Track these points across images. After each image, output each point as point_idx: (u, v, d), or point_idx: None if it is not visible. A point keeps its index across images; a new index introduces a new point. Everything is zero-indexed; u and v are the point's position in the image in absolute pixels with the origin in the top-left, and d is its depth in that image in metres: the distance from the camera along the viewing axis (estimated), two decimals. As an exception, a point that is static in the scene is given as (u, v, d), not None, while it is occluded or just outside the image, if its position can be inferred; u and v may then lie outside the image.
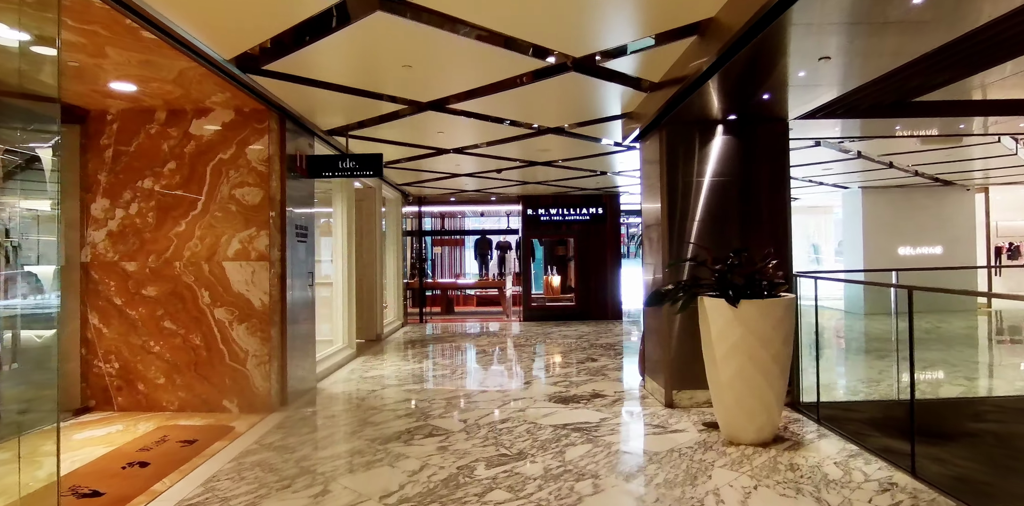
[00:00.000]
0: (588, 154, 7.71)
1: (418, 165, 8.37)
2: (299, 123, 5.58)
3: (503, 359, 7.69)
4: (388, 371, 6.82)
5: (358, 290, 9.09)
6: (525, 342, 9.04)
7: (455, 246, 17.01)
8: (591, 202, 11.88)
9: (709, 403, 4.93)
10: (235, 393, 4.98)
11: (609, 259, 11.89)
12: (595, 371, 6.59)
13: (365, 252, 9.37)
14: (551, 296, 12.37)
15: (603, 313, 11.81)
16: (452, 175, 9.32)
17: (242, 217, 5.01)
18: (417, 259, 13.67)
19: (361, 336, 9.25)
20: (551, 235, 12.42)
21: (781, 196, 5.11)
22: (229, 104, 4.92)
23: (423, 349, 8.55)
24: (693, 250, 4.92)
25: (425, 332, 10.41)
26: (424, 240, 16.45)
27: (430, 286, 13.97)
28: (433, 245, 16.66)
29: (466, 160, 7.98)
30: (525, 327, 10.86)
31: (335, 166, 5.89)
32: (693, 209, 5.06)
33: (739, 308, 3.91)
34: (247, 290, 4.98)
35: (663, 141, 5.07)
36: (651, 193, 5.46)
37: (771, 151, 5.11)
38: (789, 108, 4.81)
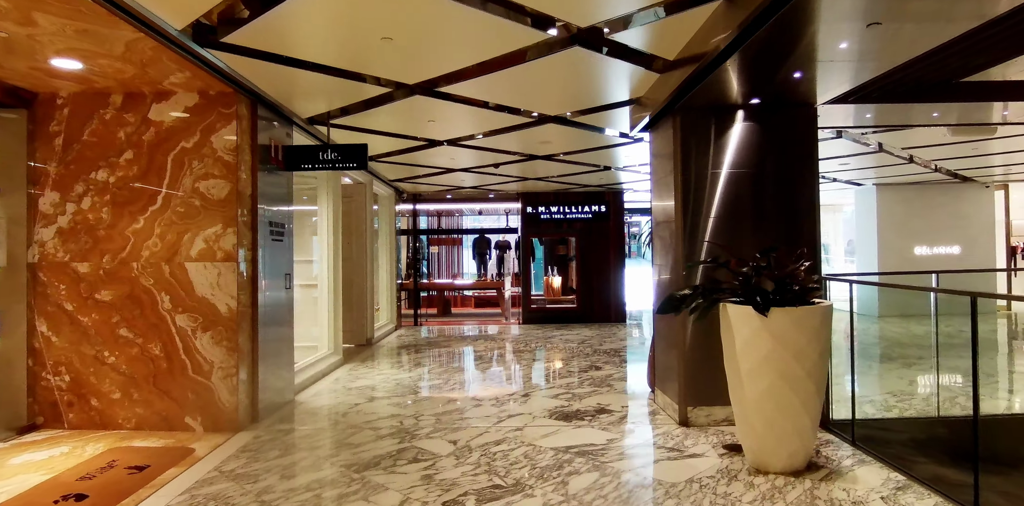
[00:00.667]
0: (591, 147, 7.19)
1: (410, 159, 7.84)
2: (275, 110, 5.06)
3: (500, 367, 7.16)
4: (375, 380, 6.29)
5: (346, 292, 8.57)
6: (524, 347, 8.52)
7: (452, 245, 16.49)
8: (593, 199, 11.35)
9: (728, 421, 4.41)
10: (199, 409, 4.46)
11: (612, 259, 11.37)
12: (599, 381, 6.07)
13: (355, 252, 8.85)
14: (551, 298, 11.85)
15: (606, 316, 11.29)
16: (447, 170, 8.80)
17: (207, 213, 4.49)
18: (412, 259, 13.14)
19: (350, 340, 8.73)
20: (552, 234, 11.90)
21: (808, 190, 4.58)
22: (191, 86, 4.40)
23: (415, 355, 8.03)
24: (712, 250, 4.40)
25: (419, 336, 9.89)
26: (419, 239, 15.94)
27: (426, 287, 13.45)
28: (429, 244, 16.15)
29: (461, 153, 7.46)
30: (524, 330, 10.34)
31: (315, 158, 5.36)
32: (709, 205, 4.53)
33: (769, 317, 3.39)
34: (212, 294, 4.46)
35: (677, 129, 4.55)
36: (662, 188, 4.94)
37: (798, 139, 4.58)
38: (819, 90, 4.29)
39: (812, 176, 4.59)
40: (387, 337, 9.75)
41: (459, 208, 14.63)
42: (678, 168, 4.54)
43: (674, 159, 4.58)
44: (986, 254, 11.75)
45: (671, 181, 4.66)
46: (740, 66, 3.65)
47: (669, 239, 4.75)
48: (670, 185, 4.69)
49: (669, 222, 4.77)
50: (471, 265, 16.57)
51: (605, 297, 11.33)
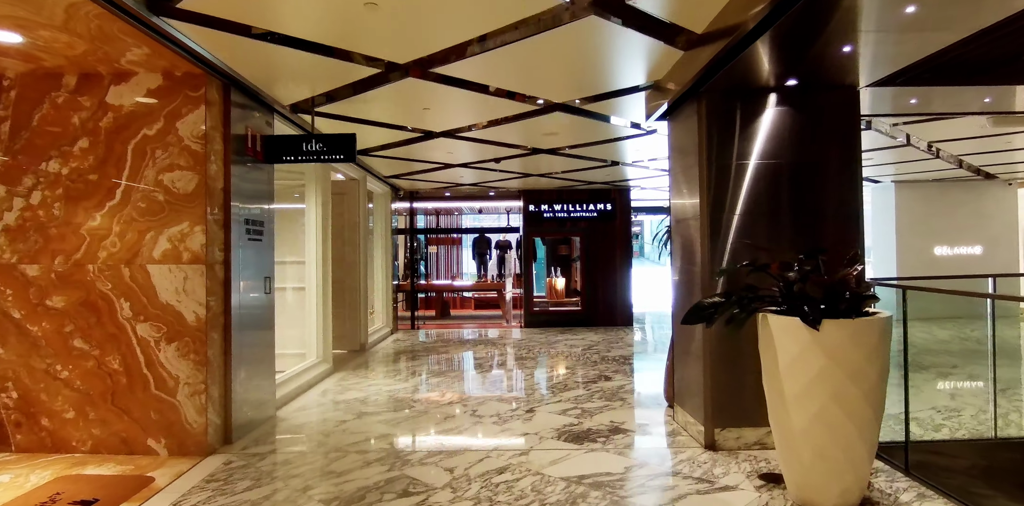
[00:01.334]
0: (599, 140, 6.68)
1: (405, 153, 7.33)
2: (252, 96, 4.55)
3: (502, 376, 6.65)
4: (367, 392, 5.78)
5: (337, 295, 8.07)
6: (527, 354, 8.01)
7: (451, 245, 15.99)
8: (599, 197, 10.84)
9: (761, 444, 3.90)
10: (162, 431, 3.95)
11: (618, 260, 10.86)
12: (610, 393, 5.57)
13: (347, 252, 8.34)
14: (554, 300, 11.35)
15: (612, 319, 10.78)
16: (445, 165, 8.29)
17: (172, 209, 3.98)
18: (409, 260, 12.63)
19: (343, 346, 8.23)
20: (555, 233, 11.40)
21: (850, 183, 4.07)
22: (154, 65, 3.89)
23: (411, 363, 7.52)
24: (746, 252, 3.89)
25: (416, 340, 9.38)
26: (416, 239, 15.43)
27: (424, 288, 12.94)
28: (428, 244, 15.65)
29: (460, 147, 6.95)
30: (526, 335, 9.83)
31: (298, 149, 4.86)
32: (735, 200, 4.02)
33: (821, 330, 2.88)
34: (178, 301, 3.95)
35: (703, 114, 4.04)
36: (683, 182, 4.43)
37: (838, 126, 4.07)
38: (864, 70, 3.78)
39: (853, 167, 4.08)
40: (382, 342, 9.24)
41: (458, 207, 14.13)
42: (704, 159, 4.02)
43: (699, 149, 4.06)
44: (1009, 254, 11.24)
45: (694, 174, 4.15)
46: (781, 39, 3.14)
47: (692, 239, 4.24)
48: (693, 179, 4.18)
49: (690, 220, 4.26)
50: (471, 265, 16.08)
51: (611, 300, 10.82)
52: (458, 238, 15.92)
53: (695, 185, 4.14)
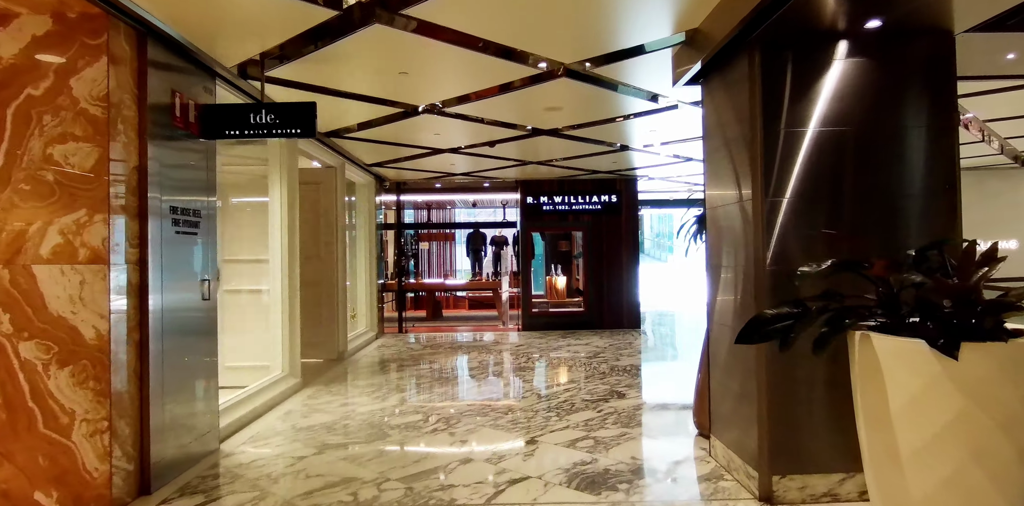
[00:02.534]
0: (608, 117, 5.76)
1: (386, 134, 6.41)
2: (182, 52, 3.62)
3: (496, 393, 5.75)
4: (336, 415, 4.87)
5: (312, 297, 7.15)
6: (525, 363, 7.11)
7: (444, 241, 15.07)
8: (603, 188, 9.93)
9: (832, 496, 3.00)
10: (53, 481, 3.03)
11: (625, 256, 9.95)
12: (627, 416, 4.67)
13: (323, 249, 7.42)
14: (555, 300, 10.45)
15: (618, 321, 9.88)
16: (433, 150, 7.36)
17: (66, 192, 3.05)
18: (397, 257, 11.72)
19: (318, 355, 7.31)
20: (555, 228, 10.49)
21: (944, 157, 3.17)
22: (40, 4, 2.96)
23: (393, 375, 6.61)
24: (820, 245, 2.99)
25: (402, 346, 8.46)
26: (404, 234, 14.52)
27: (413, 288, 12.04)
28: (419, 240, 14.73)
29: (449, 126, 6.03)
30: (525, 339, 8.93)
31: (244, 121, 3.93)
32: (798, 180, 3.11)
33: (960, 359, 1.98)
34: (73, 312, 3.03)
35: (758, 69, 3.11)
36: (727, 158, 3.52)
37: (926, 84, 3.17)
38: (961, 8, 2.88)
39: (948, 137, 3.17)
40: (365, 348, 8.32)
41: (451, 199, 13.20)
42: (757, 127, 3.11)
43: (750, 115, 3.15)
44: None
45: (742, 148, 3.25)
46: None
47: (738, 230, 3.33)
48: (741, 154, 3.27)
49: (735, 206, 3.36)
50: (465, 263, 15.18)
51: (617, 300, 9.92)
52: (451, 233, 15.01)
53: (744, 162, 3.23)
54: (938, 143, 3.15)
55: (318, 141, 6.49)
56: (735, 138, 3.35)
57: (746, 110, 3.18)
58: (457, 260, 15.50)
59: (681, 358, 7.43)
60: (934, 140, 3.14)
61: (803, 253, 3.03)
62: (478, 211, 15.39)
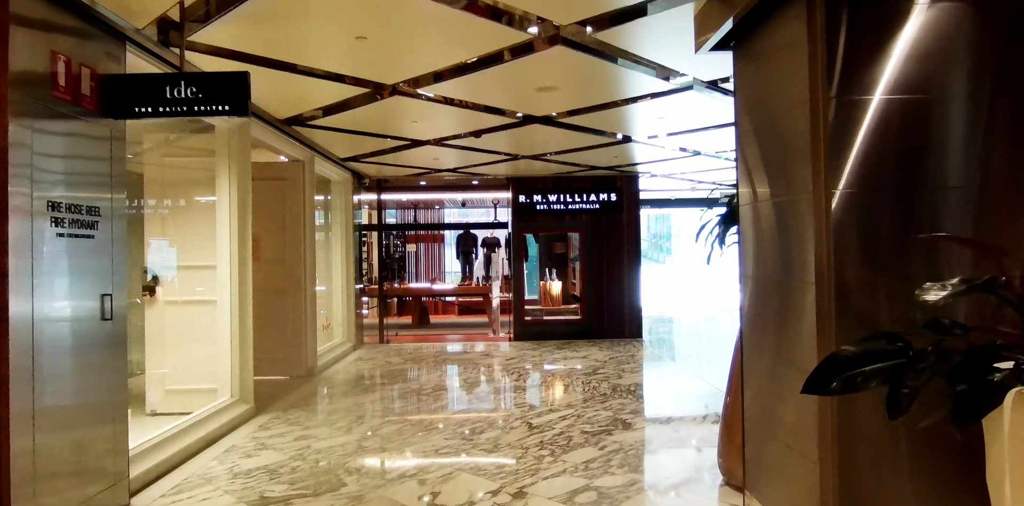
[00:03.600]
0: (610, 101, 4.98)
1: (356, 122, 5.62)
2: (73, 6, 2.82)
3: (481, 422, 4.95)
4: (287, 454, 4.07)
5: (275, 307, 6.37)
6: (515, 381, 6.32)
7: (432, 243, 14.27)
8: (602, 186, 9.15)
9: (924, 592, 2.22)
10: None
11: (626, 260, 9.18)
12: (634, 456, 3.88)
13: (289, 252, 6.61)
14: (550, 307, 9.66)
15: (618, 330, 9.10)
16: (413, 142, 6.57)
17: None
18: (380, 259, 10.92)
19: (283, 371, 6.51)
20: (550, 229, 9.71)
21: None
22: None
23: (365, 397, 5.80)
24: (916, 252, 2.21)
25: (381, 360, 7.66)
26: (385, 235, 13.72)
27: (398, 293, 11.24)
28: (406, 242, 13.93)
29: (426, 112, 5.24)
30: (516, 350, 8.14)
31: (158, 95, 3.14)
32: (879, 164, 2.32)
33: None
34: None
35: (822, 18, 2.33)
36: (776, 137, 2.74)
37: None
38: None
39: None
40: (339, 362, 7.51)
41: (438, 199, 12.40)
42: (823, 98, 2.32)
43: (812, 81, 2.35)
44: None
45: (795, 126, 2.46)
46: None
47: (788, 232, 2.55)
48: (793, 134, 2.49)
49: (778, 202, 2.58)
50: (456, 265, 14.39)
51: (617, 307, 9.14)
52: (440, 235, 14.21)
53: (799, 144, 2.44)
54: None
55: (278, 130, 5.69)
56: (785, 114, 2.56)
57: (802, 76, 2.39)
58: (447, 263, 14.71)
59: (691, 373, 6.65)
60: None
61: (883, 262, 2.25)
62: (469, 211, 14.60)
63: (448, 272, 14.69)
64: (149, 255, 5.23)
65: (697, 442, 4.17)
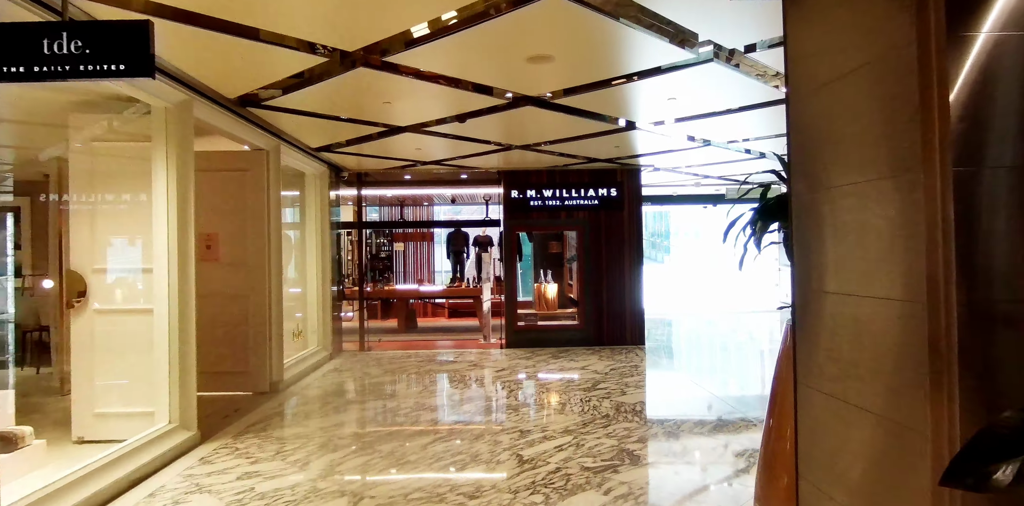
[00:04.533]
0: (616, 75, 4.27)
1: (321, 102, 4.89)
2: None
3: (463, 453, 4.23)
4: (228, 495, 3.35)
5: (236, 314, 5.67)
6: (505, 398, 5.60)
7: (422, 242, 13.53)
8: (601, 180, 8.44)
9: None
10: None
11: (627, 260, 8.47)
12: (645, 502, 3.17)
13: (252, 253, 5.87)
14: (545, 312, 8.94)
15: (619, 337, 8.39)
16: (390, 129, 5.84)
17: None
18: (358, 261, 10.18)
19: (242, 387, 5.79)
20: (545, 227, 8.99)
21: None
22: None
23: (333, 419, 5.08)
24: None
25: (359, 371, 6.93)
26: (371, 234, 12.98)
27: (382, 295, 10.51)
28: (393, 241, 13.19)
29: (402, 92, 4.52)
30: (508, 360, 7.42)
31: (32, 50, 2.41)
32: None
33: None
34: None
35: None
36: (854, 99, 2.03)
37: None
38: None
39: None
40: (311, 375, 6.78)
41: (427, 194, 11.66)
42: (940, 20, 1.60)
43: (918, 15, 1.65)
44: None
45: (887, 79, 1.75)
46: None
47: (876, 231, 1.83)
48: (882, 92, 1.77)
49: (861, 188, 1.87)
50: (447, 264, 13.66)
51: (618, 312, 8.43)
52: (429, 233, 13.47)
53: (897, 102, 1.72)
54: None
55: (234, 113, 4.96)
56: (872, 65, 1.85)
57: (902, 11, 1.68)
58: (437, 263, 13.98)
59: (702, 387, 5.94)
60: None
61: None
62: (461, 208, 13.88)
63: (439, 272, 13.96)
64: (77, 255, 4.49)
65: (724, 479, 3.46)
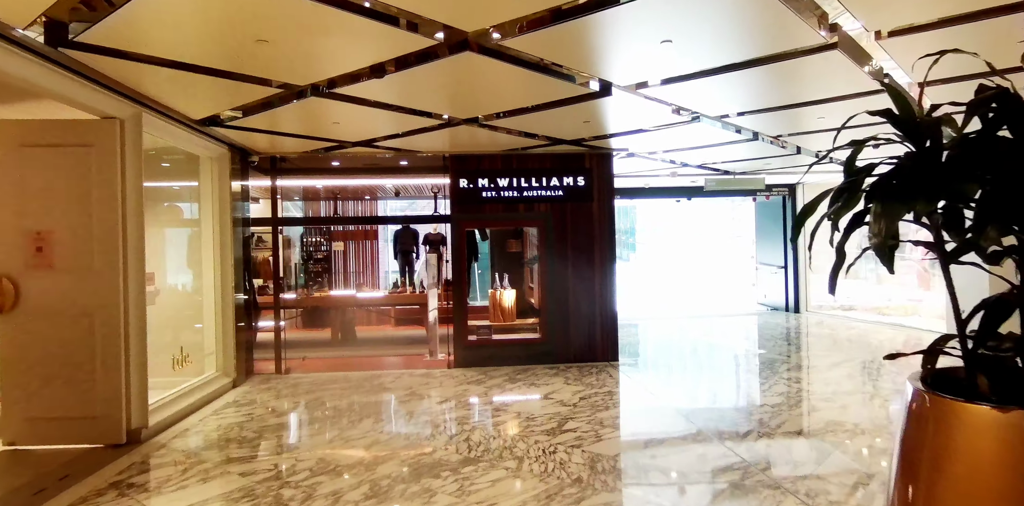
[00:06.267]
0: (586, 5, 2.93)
1: (176, 44, 3.42)
2: None
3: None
4: None
5: (76, 336, 4.17)
6: (442, 452, 4.20)
7: (364, 240, 12.03)
8: (567, 167, 7.13)
9: None
10: None
11: (598, 261, 7.18)
12: None
13: (98, 255, 4.35)
14: (501, 323, 7.56)
15: (588, 352, 7.10)
16: (287, 90, 4.39)
17: None
18: (274, 263, 8.65)
19: (84, 437, 4.28)
20: (500, 222, 7.62)
21: None
22: None
23: (191, 496, 3.61)
24: None
25: (263, 406, 5.45)
26: (279, 231, 11.45)
27: (311, 303, 9.01)
28: (331, 240, 11.67)
29: (283, 23, 3.09)
30: (455, 386, 6.04)
31: None
32: None
33: None
34: None
35: None
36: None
37: None
38: None
39: None
40: (199, 413, 5.26)
41: (364, 186, 10.14)
42: None
43: None
44: None
45: None
46: None
47: None
48: None
49: None
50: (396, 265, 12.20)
51: (588, 322, 7.13)
52: (373, 231, 11.98)
53: None
54: None
55: (57, 64, 3.46)
56: None
57: None
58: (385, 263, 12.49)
59: (699, 423, 4.66)
60: None
61: None
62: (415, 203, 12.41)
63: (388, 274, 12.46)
64: None
65: None
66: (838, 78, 4.25)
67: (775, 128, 6.20)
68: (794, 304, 11.19)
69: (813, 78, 4.32)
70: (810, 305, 11.12)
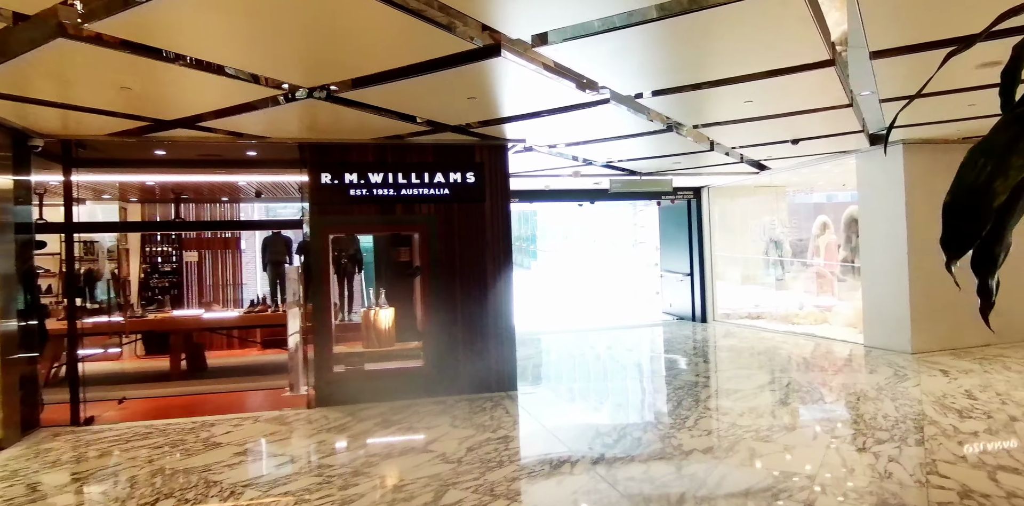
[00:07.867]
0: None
1: None
2: None
3: None
4: None
5: None
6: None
7: (225, 249, 10.27)
8: (454, 161, 5.97)
9: None
10: None
11: (491, 274, 6.05)
12: None
13: None
14: (376, 349, 6.21)
15: (481, 380, 5.94)
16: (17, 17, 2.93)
17: None
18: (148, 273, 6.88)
19: None
20: (374, 227, 6.30)
21: None
22: None
23: None
24: None
25: (23, 488, 3.85)
26: (152, 240, 9.59)
27: (143, 326, 7.30)
28: (182, 249, 9.85)
29: None
30: (310, 434, 4.69)
31: None
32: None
33: None
34: None
35: None
36: None
37: None
38: None
39: None
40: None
41: (219, 185, 8.46)
42: None
43: None
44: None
45: None
46: None
47: None
48: None
49: None
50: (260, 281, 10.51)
51: (480, 344, 5.98)
52: (234, 239, 10.26)
53: None
54: None
55: None
56: None
57: None
58: (248, 276, 10.75)
59: (618, 480, 3.61)
60: None
61: None
62: (283, 206, 10.78)
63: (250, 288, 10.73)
64: None
65: None
66: (781, 37, 3.37)
67: (693, 115, 5.36)
68: (700, 313, 10.61)
69: (746, 37, 3.41)
70: (716, 314, 10.59)
